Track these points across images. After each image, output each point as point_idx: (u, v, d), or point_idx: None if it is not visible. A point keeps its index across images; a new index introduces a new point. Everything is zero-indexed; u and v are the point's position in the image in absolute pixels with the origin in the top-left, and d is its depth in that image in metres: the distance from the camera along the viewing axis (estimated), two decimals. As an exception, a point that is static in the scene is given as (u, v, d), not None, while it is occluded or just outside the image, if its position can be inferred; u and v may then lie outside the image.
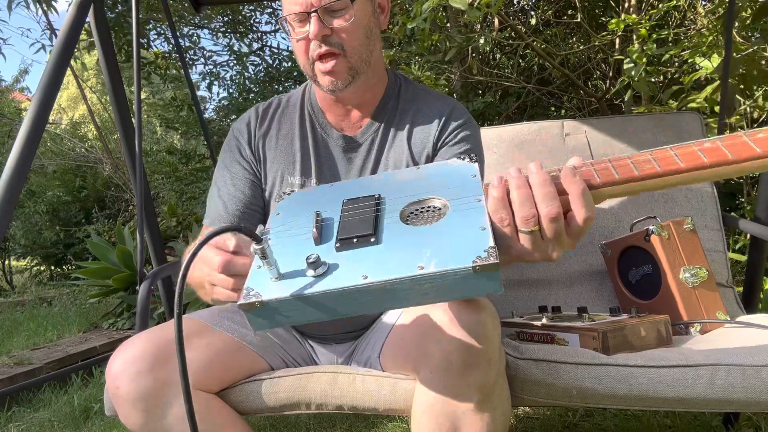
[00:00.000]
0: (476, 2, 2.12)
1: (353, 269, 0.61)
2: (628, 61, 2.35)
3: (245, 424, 1.01)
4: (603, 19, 3.44)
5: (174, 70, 4.63)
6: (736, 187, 2.73)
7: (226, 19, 4.84)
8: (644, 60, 2.30)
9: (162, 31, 4.40)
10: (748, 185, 2.60)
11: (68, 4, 1.37)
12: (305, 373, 1.02)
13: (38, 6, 3.81)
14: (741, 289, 1.56)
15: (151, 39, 4.40)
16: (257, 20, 4.96)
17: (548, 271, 1.55)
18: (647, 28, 2.43)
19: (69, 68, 1.67)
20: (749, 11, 2.33)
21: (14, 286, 6.68)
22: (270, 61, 4.99)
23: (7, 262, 6.85)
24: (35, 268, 6.91)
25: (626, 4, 3.01)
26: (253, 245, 0.63)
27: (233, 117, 5.14)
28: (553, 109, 3.78)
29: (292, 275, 0.62)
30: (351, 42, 1.02)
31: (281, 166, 1.13)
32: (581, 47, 3.37)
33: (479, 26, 3.23)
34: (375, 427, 1.81)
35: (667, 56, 2.69)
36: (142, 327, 1.25)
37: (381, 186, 0.73)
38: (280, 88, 4.76)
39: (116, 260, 3.67)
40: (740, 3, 2.21)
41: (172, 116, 4.81)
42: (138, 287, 1.32)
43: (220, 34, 4.94)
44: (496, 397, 0.85)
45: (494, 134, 1.74)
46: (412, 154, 1.12)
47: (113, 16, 3.64)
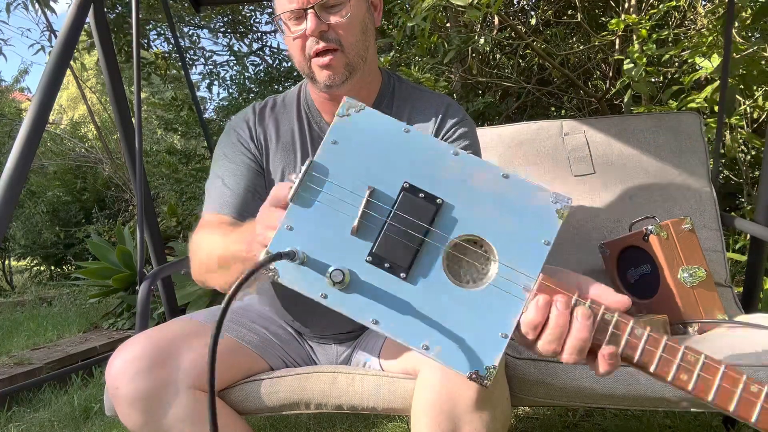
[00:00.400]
0: (476, 2, 2.13)
1: (368, 306, 0.59)
2: (628, 61, 2.35)
3: (245, 424, 1.01)
4: (603, 19, 3.44)
5: (174, 71, 4.63)
6: (736, 187, 2.73)
7: (226, 19, 4.84)
8: (644, 60, 2.30)
9: (162, 32, 4.40)
10: (748, 185, 2.60)
11: (68, 4, 1.37)
12: (305, 373, 1.03)
13: (37, 7, 3.82)
14: (741, 289, 1.56)
15: (151, 39, 4.41)
16: (257, 20, 4.97)
17: (548, 271, 1.55)
18: (647, 29, 2.44)
19: (69, 68, 1.67)
20: (749, 11, 2.33)
21: (14, 286, 6.68)
22: (270, 61, 5.00)
23: (7, 262, 6.85)
24: (35, 268, 6.91)
25: (626, 4, 3.01)
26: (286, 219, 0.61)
27: (233, 117, 5.12)
28: (553, 109, 3.78)
29: (314, 267, 0.60)
30: (348, 38, 1.02)
31: (281, 164, 1.13)
32: (581, 47, 3.37)
33: (479, 26, 3.23)
34: (375, 427, 1.81)
35: (667, 56, 2.69)
36: (142, 327, 1.25)
37: (453, 179, 0.62)
38: (280, 88, 4.76)
39: (116, 260, 3.67)
40: (740, 3, 2.21)
41: (173, 117, 4.81)
42: (138, 287, 1.33)
43: (220, 34, 4.94)
44: (495, 396, 0.85)
45: (494, 134, 1.74)
46: None
47: (113, 16, 3.65)
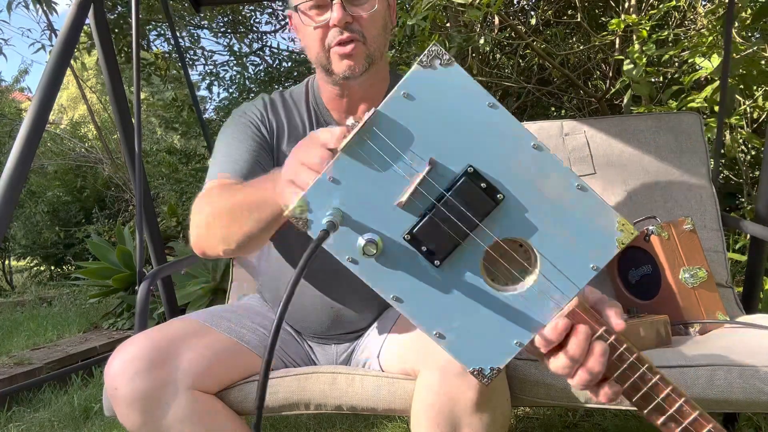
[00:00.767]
0: (476, 1, 2.12)
1: (393, 283, 0.57)
2: (628, 61, 2.35)
3: (244, 424, 1.01)
4: (603, 19, 3.44)
5: (174, 71, 4.63)
6: (736, 187, 2.73)
7: (226, 19, 4.84)
8: (644, 60, 2.30)
9: (162, 32, 4.40)
10: (748, 185, 2.60)
11: (68, 4, 1.37)
12: (304, 373, 1.02)
13: (38, 6, 3.82)
14: (741, 289, 1.56)
15: (151, 39, 4.41)
16: (257, 20, 4.97)
17: (548, 271, 1.55)
18: (647, 29, 2.43)
19: (69, 68, 1.67)
20: (749, 11, 2.33)
21: (14, 286, 6.68)
22: (270, 61, 5.00)
23: (7, 262, 6.85)
24: (35, 268, 6.91)
25: (626, 4, 3.01)
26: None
27: (233, 117, 5.12)
28: (553, 109, 3.78)
29: (351, 227, 0.56)
30: (371, 30, 1.02)
31: None
32: (581, 47, 3.37)
33: (479, 26, 3.23)
34: (375, 427, 1.81)
35: (666, 56, 2.69)
36: (141, 327, 1.25)
37: (523, 175, 0.56)
38: (280, 89, 4.76)
39: (116, 260, 3.67)
40: (740, 3, 2.21)
41: (173, 116, 4.81)
42: (138, 287, 1.33)
43: (220, 34, 4.94)
44: (495, 397, 0.85)
45: (494, 134, 1.74)
46: None
47: (113, 16, 3.64)
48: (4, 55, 4.61)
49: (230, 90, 4.95)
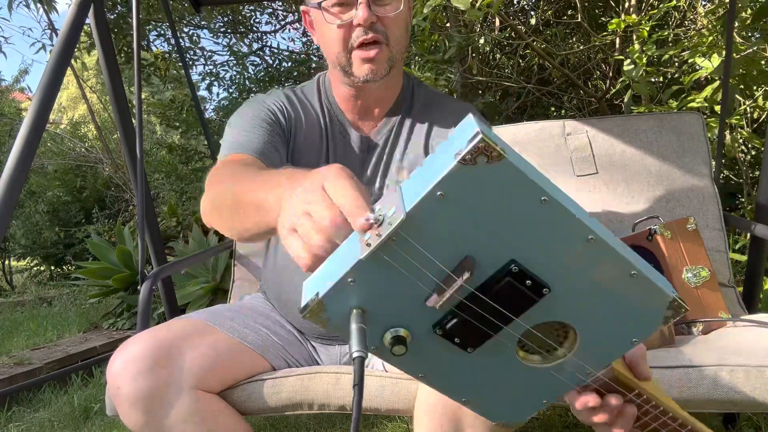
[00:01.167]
0: (477, 2, 2.12)
1: (422, 364, 0.55)
2: (629, 62, 2.35)
3: (246, 424, 1.01)
4: (603, 19, 3.44)
5: (174, 71, 4.62)
6: (736, 187, 2.73)
7: (226, 19, 4.84)
8: (644, 60, 2.30)
9: (162, 32, 4.40)
10: (748, 185, 2.60)
11: (68, 4, 1.36)
12: (308, 373, 1.02)
13: (39, 5, 3.81)
14: (741, 289, 1.56)
15: (151, 39, 4.40)
16: (257, 20, 4.97)
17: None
18: (647, 29, 2.44)
19: (69, 68, 1.66)
20: (749, 11, 2.33)
21: (14, 286, 6.68)
22: (270, 61, 5.00)
23: (7, 262, 6.84)
24: (35, 268, 6.91)
25: (626, 4, 3.01)
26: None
27: (233, 117, 5.12)
28: (553, 109, 3.79)
29: (373, 321, 0.51)
30: (395, 32, 1.01)
31: (305, 160, 1.11)
32: (581, 47, 3.37)
33: (479, 26, 3.23)
34: (375, 427, 1.81)
35: (667, 56, 2.69)
36: (143, 327, 1.25)
37: (574, 266, 0.50)
38: (280, 89, 4.76)
39: (116, 260, 3.67)
40: (740, 3, 2.21)
41: (174, 114, 4.81)
42: (139, 287, 1.32)
43: (220, 34, 4.94)
44: (498, 397, 0.85)
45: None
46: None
47: (113, 16, 3.64)
48: (3, 53, 4.61)
49: (230, 90, 4.95)
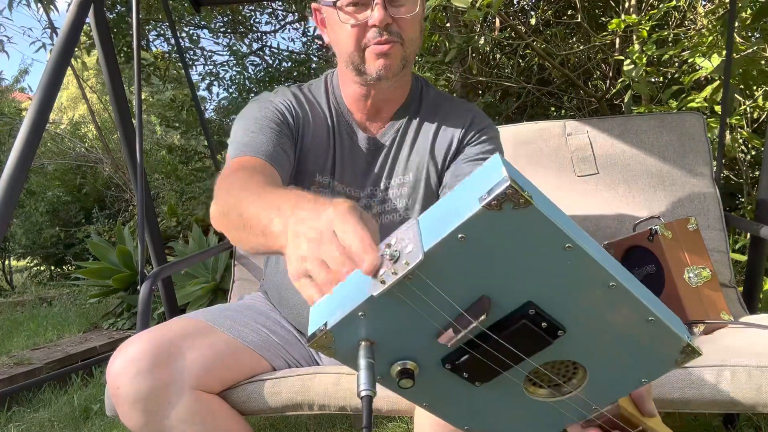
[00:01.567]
0: (477, 2, 2.12)
1: (428, 394, 0.55)
2: (628, 62, 2.35)
3: (246, 424, 1.00)
4: (603, 19, 3.44)
5: (174, 71, 4.62)
6: (737, 187, 2.73)
7: (226, 19, 4.84)
8: (644, 60, 2.30)
9: (162, 32, 4.40)
10: (748, 185, 2.60)
11: (68, 3, 1.36)
12: (308, 373, 1.02)
13: (39, 5, 3.81)
14: (741, 289, 1.56)
15: (151, 39, 4.40)
16: (257, 20, 4.97)
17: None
18: (647, 29, 2.43)
19: (69, 68, 1.66)
20: (749, 11, 2.33)
21: (14, 286, 6.67)
22: (270, 61, 4.99)
23: (7, 262, 6.84)
24: (35, 268, 6.90)
25: (626, 4, 3.01)
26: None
27: (233, 117, 5.13)
28: (553, 109, 3.79)
29: (381, 353, 0.50)
30: (409, 33, 1.02)
31: (312, 160, 1.11)
32: (581, 47, 3.37)
33: (479, 26, 3.23)
34: (375, 427, 1.81)
35: (667, 56, 2.69)
36: (143, 327, 1.25)
37: (592, 310, 0.49)
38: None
39: (116, 260, 3.67)
40: (740, 3, 2.21)
41: (172, 116, 4.81)
42: (139, 287, 1.32)
43: (220, 34, 4.94)
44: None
45: (495, 134, 1.74)
46: (434, 159, 1.12)
47: (113, 16, 3.64)
48: (6, 52, 4.61)
49: (230, 90, 4.95)
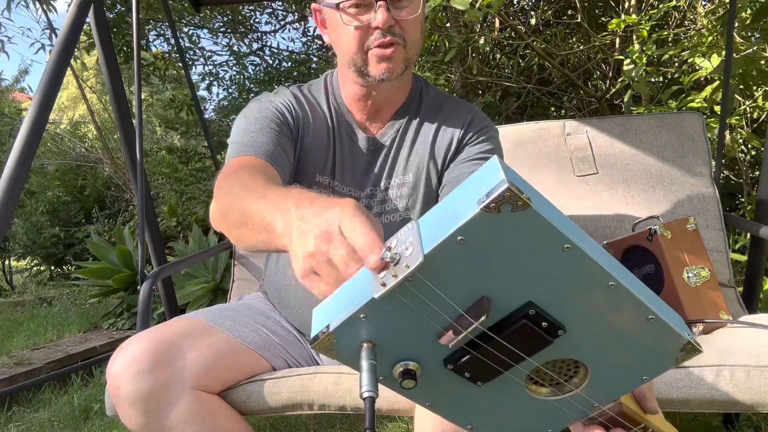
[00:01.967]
0: (477, 3, 2.12)
1: (430, 394, 0.55)
2: (628, 61, 2.35)
3: (246, 424, 1.01)
4: (603, 19, 3.44)
5: (173, 71, 4.62)
6: (736, 187, 2.73)
7: (226, 19, 4.84)
8: (644, 60, 2.30)
9: (162, 32, 4.40)
10: (748, 185, 2.60)
11: (68, 4, 1.36)
12: (308, 373, 1.02)
13: (38, 5, 3.81)
14: (741, 289, 1.56)
15: (151, 39, 4.41)
16: (257, 20, 4.97)
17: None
18: (647, 29, 2.43)
19: (69, 68, 1.66)
20: (749, 11, 2.33)
21: (14, 286, 6.67)
22: (270, 61, 5.00)
23: (7, 262, 6.84)
24: (35, 268, 6.90)
25: (626, 4, 3.01)
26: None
27: (233, 117, 5.13)
28: (553, 109, 3.79)
29: (383, 354, 0.51)
30: (411, 35, 1.02)
31: (311, 160, 1.11)
32: (581, 47, 3.37)
33: (479, 26, 3.23)
34: (375, 427, 1.81)
35: (666, 56, 2.69)
36: (143, 327, 1.25)
37: (591, 310, 0.50)
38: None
39: (116, 260, 3.67)
40: (740, 3, 2.21)
41: (172, 117, 4.82)
42: (139, 287, 1.32)
43: (220, 34, 4.94)
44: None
45: (495, 134, 1.74)
46: (434, 159, 1.12)
47: (113, 16, 3.64)
48: (6, 53, 4.61)
49: (230, 90, 4.95)
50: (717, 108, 2.25)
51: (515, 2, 3.67)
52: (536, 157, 1.69)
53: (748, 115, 2.52)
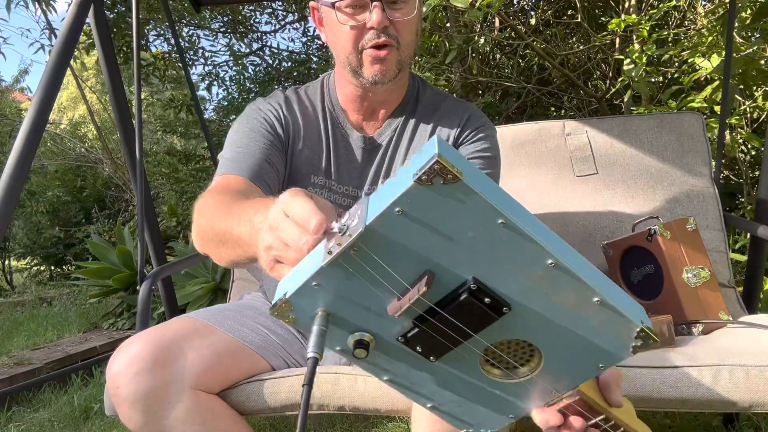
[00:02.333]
0: (477, 2, 2.12)
1: (388, 368, 0.56)
2: (628, 62, 2.35)
3: (246, 424, 1.00)
4: (603, 19, 3.44)
5: (173, 71, 4.62)
6: (736, 187, 2.73)
7: (226, 19, 4.84)
8: (644, 60, 2.30)
9: (162, 32, 4.40)
10: (748, 185, 2.60)
11: (68, 4, 1.36)
12: (306, 373, 1.02)
13: (37, 5, 3.81)
14: (741, 289, 1.56)
15: (151, 39, 4.40)
16: (257, 20, 4.97)
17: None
18: (647, 29, 2.43)
19: (69, 68, 1.67)
20: (749, 11, 2.33)
21: (14, 286, 6.67)
22: (270, 61, 5.00)
23: (7, 262, 6.84)
24: (35, 268, 6.90)
25: (626, 4, 3.01)
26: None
27: (233, 117, 5.13)
28: (553, 109, 3.78)
29: (338, 325, 0.53)
30: (405, 36, 1.02)
31: (305, 162, 1.11)
32: (581, 47, 3.37)
33: (479, 26, 3.23)
34: (375, 427, 1.81)
35: (666, 56, 2.69)
36: (142, 327, 1.25)
37: (535, 288, 0.50)
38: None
39: (116, 260, 3.67)
40: (740, 3, 2.21)
41: (171, 119, 4.82)
42: (138, 287, 1.32)
43: (220, 34, 4.94)
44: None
45: (495, 134, 1.74)
46: None
47: (113, 16, 3.64)
48: (3, 54, 4.61)
49: (230, 90, 4.95)
50: (717, 108, 2.24)
51: (515, 2, 3.67)
52: (536, 157, 1.69)
53: (748, 115, 2.52)
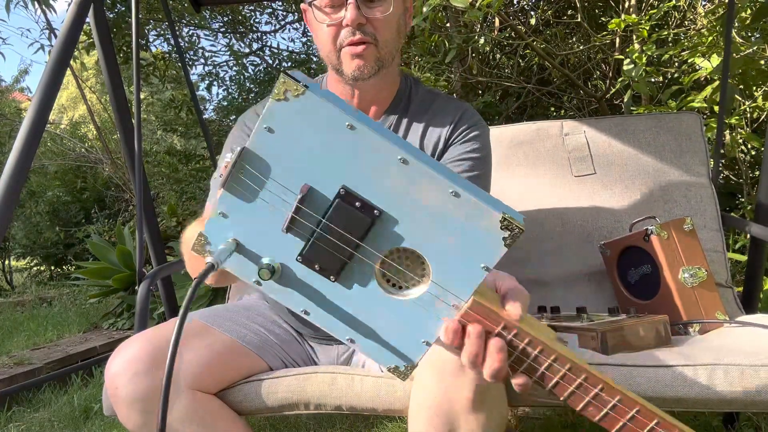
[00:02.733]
0: (477, 2, 2.13)
1: (299, 297, 0.60)
2: (628, 62, 2.35)
3: (245, 424, 1.01)
4: (603, 19, 3.44)
5: (173, 71, 4.62)
6: (736, 187, 2.73)
7: (226, 19, 4.84)
8: (644, 60, 2.30)
9: (162, 32, 4.40)
10: (748, 185, 2.60)
11: (68, 4, 1.37)
12: (304, 373, 1.03)
13: (37, 6, 3.81)
14: (741, 289, 1.56)
15: (151, 40, 4.40)
16: (257, 20, 4.97)
17: (547, 271, 1.55)
18: (647, 29, 2.43)
19: (69, 68, 1.67)
20: (749, 11, 2.32)
21: (14, 286, 6.68)
22: (270, 61, 5.00)
23: (7, 262, 6.85)
24: (35, 268, 6.91)
25: (626, 4, 3.01)
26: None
27: (233, 117, 5.14)
28: (553, 109, 3.78)
29: (247, 256, 0.59)
30: (383, 34, 1.02)
31: None
32: (581, 47, 3.37)
33: (479, 26, 3.23)
34: (375, 427, 1.81)
35: (666, 56, 2.69)
36: (141, 327, 1.25)
37: (396, 188, 0.55)
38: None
39: (116, 260, 3.68)
40: (740, 3, 2.21)
41: (171, 118, 4.81)
42: (138, 287, 1.33)
43: (220, 34, 4.94)
44: (491, 397, 0.85)
45: (494, 134, 1.72)
46: None
47: (113, 16, 3.64)
48: (2, 54, 4.61)
49: (230, 90, 4.95)
50: (717, 108, 2.24)
51: (515, 2, 3.67)
52: (534, 157, 1.69)
53: (748, 115, 2.52)
